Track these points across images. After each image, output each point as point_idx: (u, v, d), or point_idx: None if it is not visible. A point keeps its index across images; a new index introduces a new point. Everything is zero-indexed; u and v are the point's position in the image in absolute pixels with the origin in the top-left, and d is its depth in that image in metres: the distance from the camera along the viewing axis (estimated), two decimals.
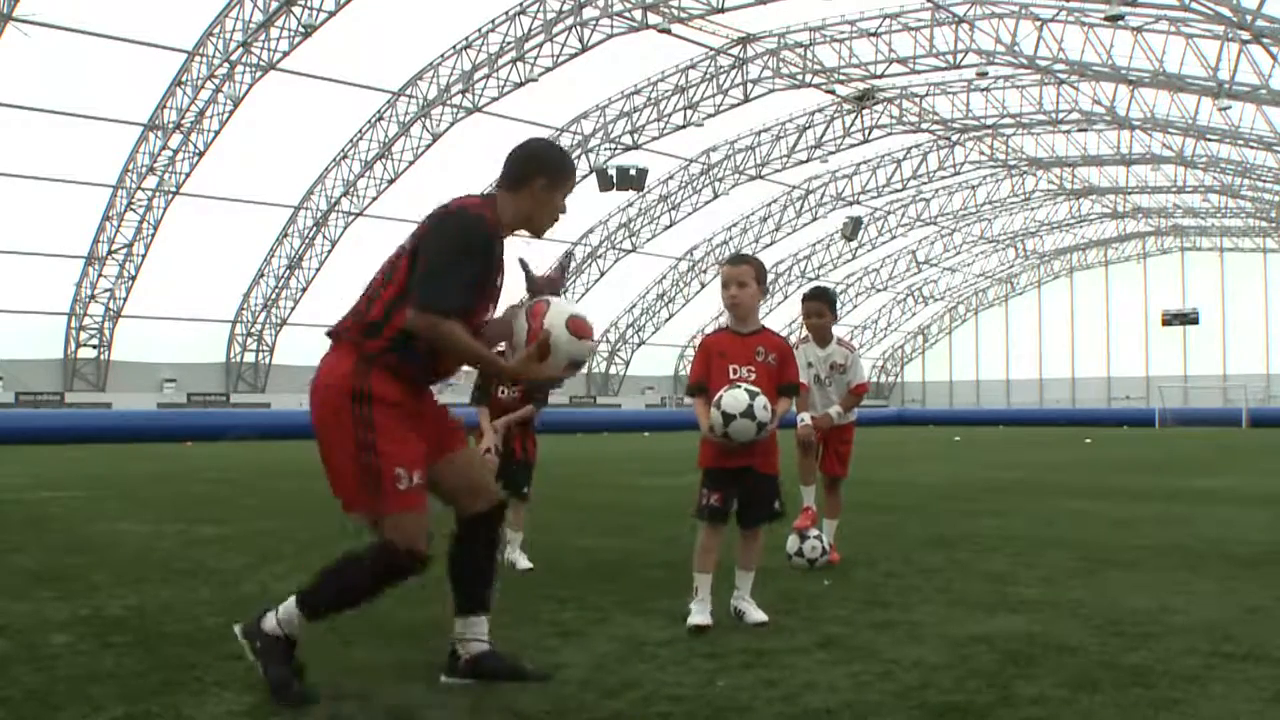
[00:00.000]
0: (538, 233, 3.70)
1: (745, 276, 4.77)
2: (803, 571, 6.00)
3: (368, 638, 4.27)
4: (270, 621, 3.44)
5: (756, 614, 4.63)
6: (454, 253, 3.38)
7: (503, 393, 6.44)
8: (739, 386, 4.53)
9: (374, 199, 38.18)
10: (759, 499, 4.68)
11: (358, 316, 3.47)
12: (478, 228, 3.46)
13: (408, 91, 34.45)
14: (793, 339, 6.55)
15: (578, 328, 3.53)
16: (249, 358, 43.74)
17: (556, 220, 3.73)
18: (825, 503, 6.53)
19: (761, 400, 4.48)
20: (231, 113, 32.05)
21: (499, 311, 3.71)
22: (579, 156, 39.35)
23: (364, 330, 3.43)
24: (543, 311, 3.52)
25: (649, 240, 47.16)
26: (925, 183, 46.24)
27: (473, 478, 3.65)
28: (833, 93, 36.91)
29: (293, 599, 3.45)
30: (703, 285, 50.61)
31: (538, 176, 3.61)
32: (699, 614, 4.51)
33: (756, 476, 4.64)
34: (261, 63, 30.30)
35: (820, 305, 6.36)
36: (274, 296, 41.78)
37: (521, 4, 31.03)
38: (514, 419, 6.39)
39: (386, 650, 4.12)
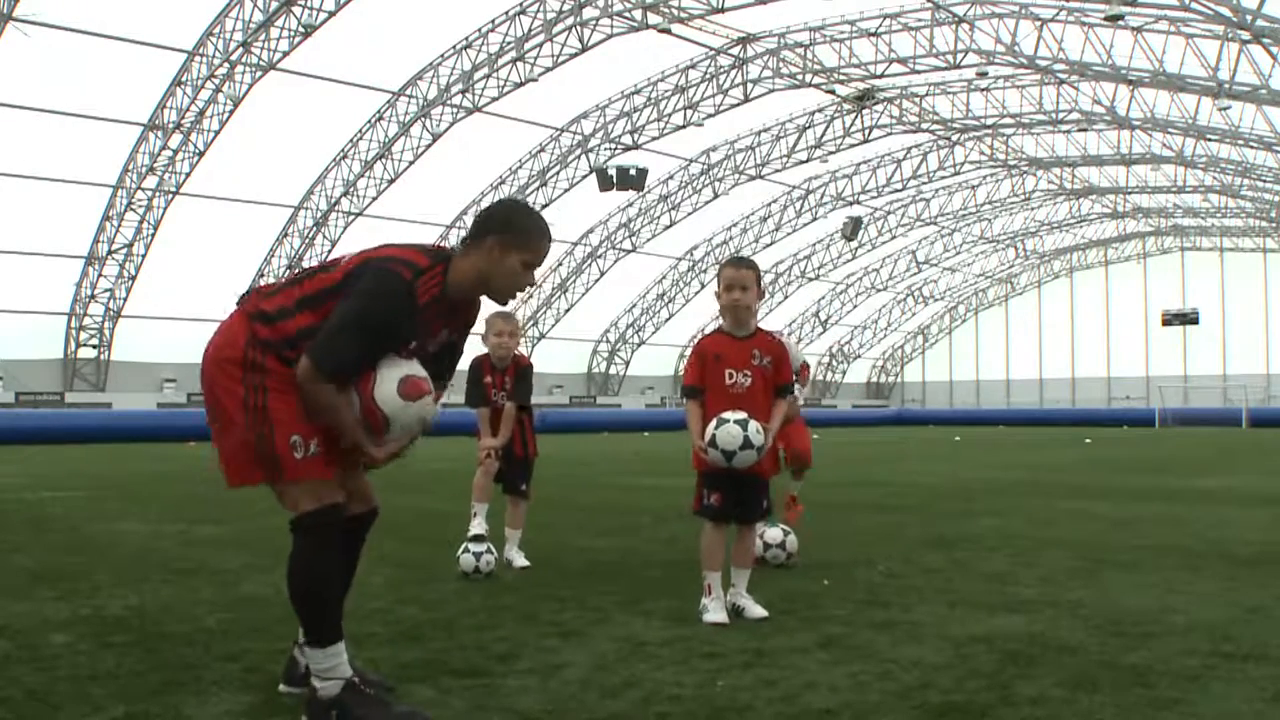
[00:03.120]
0: (495, 297, 3.46)
1: (748, 280, 4.79)
2: (791, 569, 6.02)
3: (368, 638, 4.28)
4: (318, 685, 3.21)
5: (756, 609, 4.71)
6: (356, 316, 3.18)
7: (494, 397, 6.45)
8: (727, 421, 4.57)
9: (374, 199, 38.22)
10: (751, 498, 4.81)
11: (263, 297, 3.33)
12: (389, 289, 3.21)
13: (408, 91, 34.46)
14: (793, 338, 6.58)
15: (410, 389, 3.29)
16: None
17: (517, 287, 3.43)
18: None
19: (754, 426, 4.56)
20: (231, 113, 32.06)
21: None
22: (579, 156, 39.42)
23: (263, 314, 3.30)
24: (371, 381, 3.29)
25: (649, 240, 47.17)
26: (925, 183, 46.26)
27: (358, 483, 3.51)
28: (833, 93, 36.92)
29: (303, 647, 3.29)
30: (703, 285, 50.62)
31: (488, 235, 3.35)
32: (717, 611, 4.63)
33: (749, 477, 4.73)
34: (261, 63, 30.30)
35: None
36: None
37: (521, 4, 31.03)
38: (510, 429, 6.39)
39: (387, 650, 4.11)
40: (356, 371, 3.27)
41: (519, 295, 3.63)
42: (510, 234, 3.36)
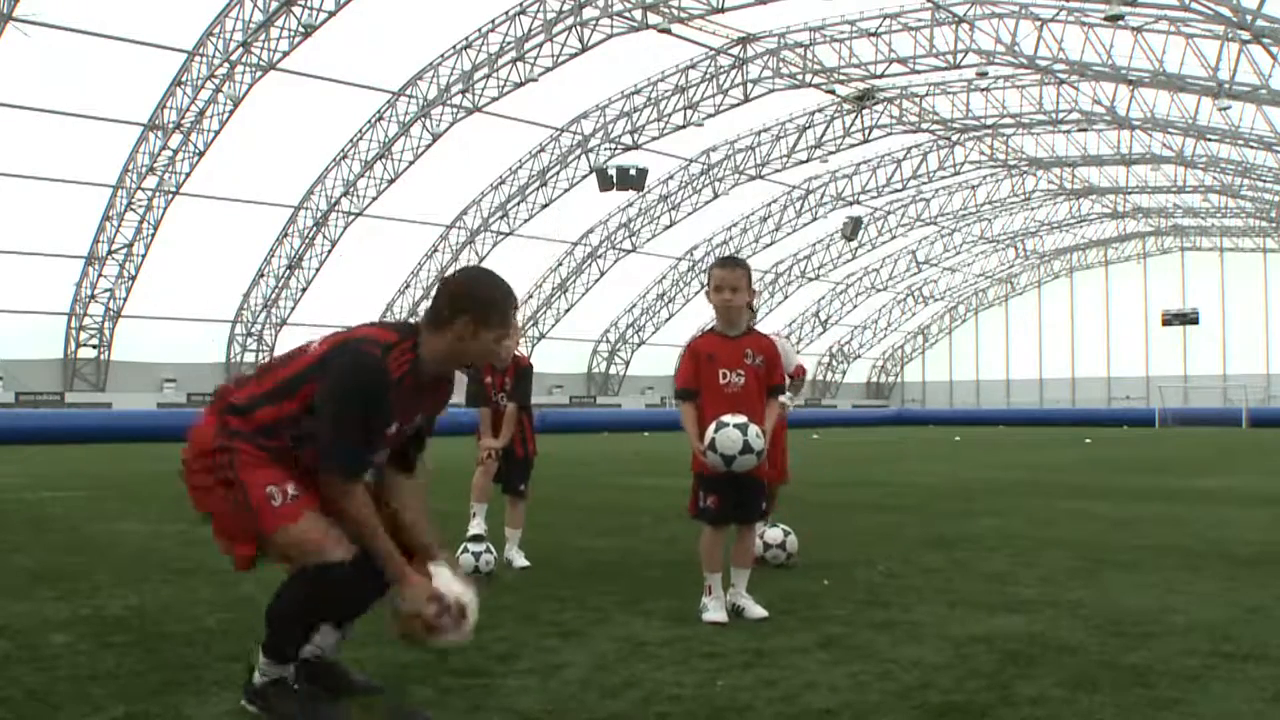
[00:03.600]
0: (463, 371, 3.49)
1: (739, 281, 4.81)
2: (791, 569, 6.02)
3: (368, 637, 4.27)
4: (258, 678, 3.30)
5: (755, 609, 4.72)
6: (341, 404, 3.18)
7: (493, 397, 6.45)
8: (726, 425, 4.58)
9: (374, 199, 38.21)
10: (750, 499, 4.81)
11: (231, 392, 3.34)
12: (368, 375, 3.20)
13: (408, 91, 34.45)
14: (792, 338, 6.59)
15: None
16: (249, 358, 43.74)
17: (496, 356, 3.47)
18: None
19: (754, 430, 4.59)
20: (231, 113, 32.05)
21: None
22: (579, 156, 39.43)
23: (233, 407, 3.30)
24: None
25: (649, 240, 47.16)
26: (925, 183, 46.23)
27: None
28: (833, 93, 36.91)
29: (260, 649, 3.30)
30: (702, 285, 50.48)
31: (460, 315, 3.29)
32: (717, 611, 4.65)
33: (748, 479, 4.73)
34: (261, 63, 30.29)
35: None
36: (274, 296, 41.81)
37: (521, 4, 31.02)
38: (510, 430, 6.39)
39: (387, 650, 4.11)
40: (370, 456, 3.28)
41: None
42: (484, 312, 3.33)
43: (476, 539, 6.05)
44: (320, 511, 3.22)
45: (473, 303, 3.33)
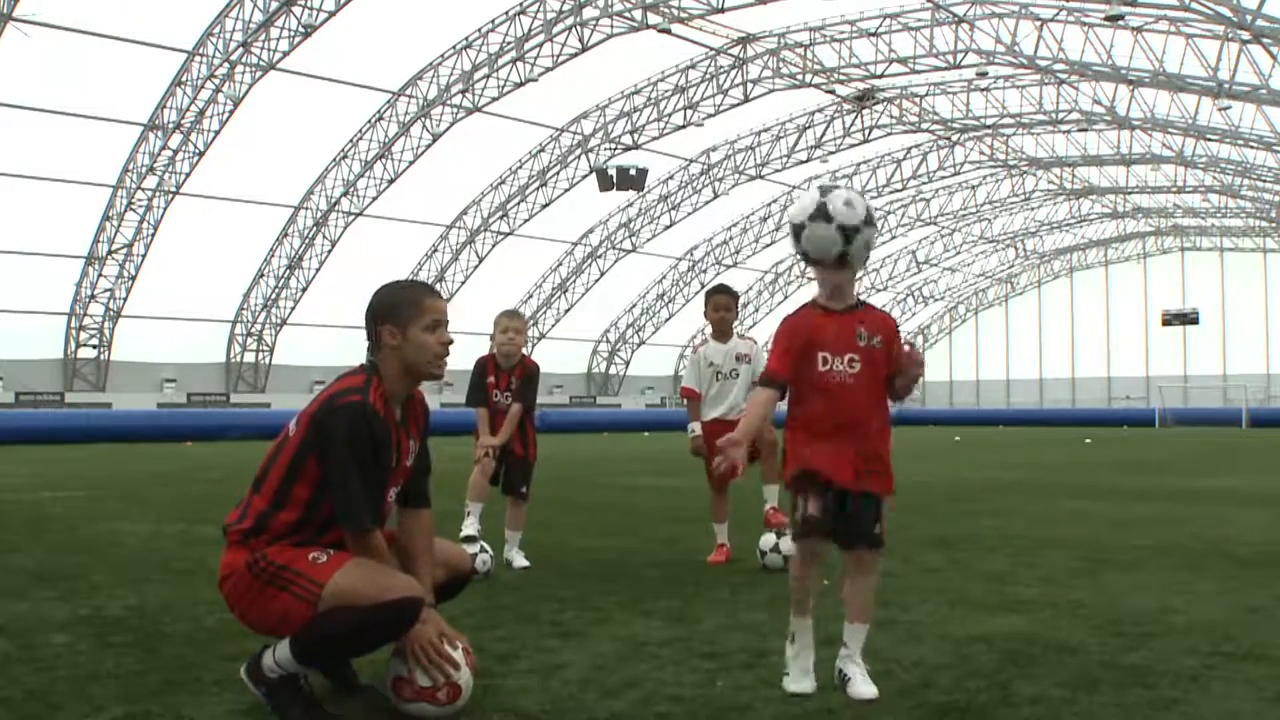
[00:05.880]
0: (427, 375, 3.45)
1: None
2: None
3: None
4: (269, 660, 3.28)
5: (866, 686, 3.49)
6: (346, 459, 3.23)
7: (495, 397, 6.44)
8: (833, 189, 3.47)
9: (374, 199, 38.23)
10: (862, 512, 3.63)
11: (240, 520, 3.38)
12: (358, 421, 3.26)
13: (408, 91, 34.46)
14: (764, 339, 6.60)
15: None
16: (249, 358, 43.76)
17: (441, 355, 3.43)
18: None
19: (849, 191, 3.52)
20: (231, 113, 32.06)
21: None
22: (579, 156, 39.44)
23: (248, 531, 3.34)
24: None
25: (649, 240, 47.17)
26: (925, 183, 46.25)
27: (444, 552, 3.68)
28: (833, 93, 36.92)
29: (286, 641, 3.27)
30: (702, 285, 50.59)
31: (382, 327, 3.38)
32: (801, 678, 3.56)
33: (848, 492, 3.58)
34: (261, 63, 30.30)
35: (729, 300, 6.61)
36: (274, 296, 41.81)
37: (521, 4, 31.04)
38: (510, 429, 6.37)
39: (385, 650, 4.11)
40: (383, 504, 3.36)
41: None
42: (396, 310, 3.40)
43: (469, 540, 6.01)
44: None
45: (382, 311, 3.42)
